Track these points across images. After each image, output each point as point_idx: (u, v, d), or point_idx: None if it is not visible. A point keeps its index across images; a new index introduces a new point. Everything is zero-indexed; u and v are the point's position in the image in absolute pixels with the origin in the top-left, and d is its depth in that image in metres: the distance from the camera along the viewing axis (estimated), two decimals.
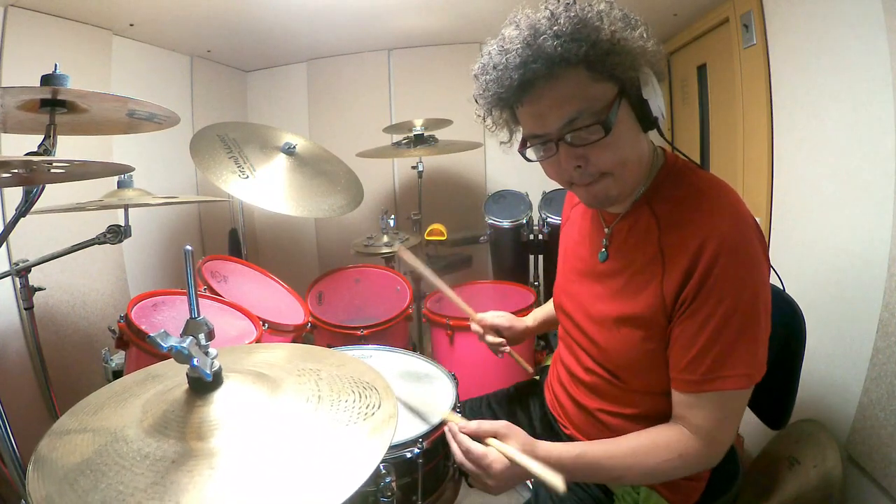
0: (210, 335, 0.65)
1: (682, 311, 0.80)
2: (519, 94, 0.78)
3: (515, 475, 0.82)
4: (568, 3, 0.75)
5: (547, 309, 1.31)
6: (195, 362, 0.62)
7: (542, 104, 0.79)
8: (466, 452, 0.84)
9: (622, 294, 0.89)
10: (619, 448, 0.83)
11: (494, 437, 0.83)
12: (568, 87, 0.76)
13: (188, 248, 0.62)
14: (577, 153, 0.80)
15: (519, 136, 0.89)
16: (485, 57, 0.81)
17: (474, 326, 1.23)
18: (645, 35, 0.77)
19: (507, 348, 1.21)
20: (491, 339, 1.21)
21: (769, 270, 0.82)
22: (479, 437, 0.84)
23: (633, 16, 0.79)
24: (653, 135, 0.88)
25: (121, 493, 0.55)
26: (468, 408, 1.25)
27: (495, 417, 1.17)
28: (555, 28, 0.73)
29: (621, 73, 0.76)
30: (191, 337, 0.63)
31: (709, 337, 0.77)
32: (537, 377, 1.31)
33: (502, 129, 0.91)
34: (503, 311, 1.25)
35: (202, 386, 0.65)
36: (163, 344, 0.59)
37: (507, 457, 0.79)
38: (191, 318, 0.64)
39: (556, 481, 0.69)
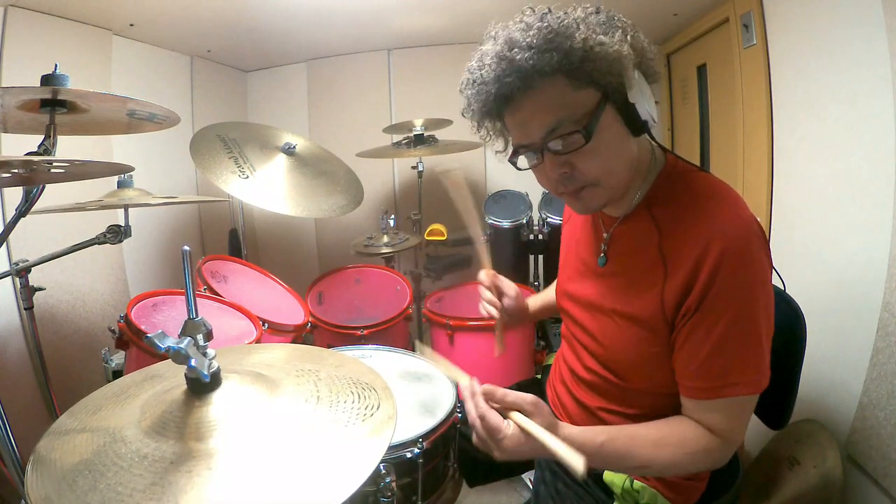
0: (208, 336, 0.65)
1: (686, 319, 0.79)
2: (499, 106, 0.78)
3: (525, 452, 0.77)
4: (544, 14, 0.75)
5: (544, 295, 1.29)
6: (193, 363, 0.62)
7: (523, 114, 0.79)
8: (482, 417, 0.77)
9: (622, 297, 0.88)
10: (645, 439, 0.81)
11: (519, 411, 0.78)
12: (547, 97, 0.76)
13: (186, 248, 0.62)
14: (562, 160, 0.79)
15: None
16: (466, 72, 0.81)
17: (482, 275, 1.14)
18: (627, 37, 0.76)
19: (497, 314, 1.12)
20: (489, 295, 1.12)
21: (772, 273, 0.81)
22: (502, 408, 0.79)
23: (619, 18, 0.78)
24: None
25: (119, 494, 0.55)
26: None
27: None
28: (527, 40, 0.72)
29: (601, 78, 0.75)
30: (189, 338, 0.62)
31: (715, 345, 0.76)
32: (538, 375, 1.31)
33: (497, 139, 0.90)
34: (514, 285, 1.16)
35: (200, 387, 0.65)
36: (160, 344, 0.59)
37: (528, 432, 0.75)
38: (189, 318, 0.64)
39: (578, 463, 0.67)
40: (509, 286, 1.15)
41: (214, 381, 0.66)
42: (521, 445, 0.76)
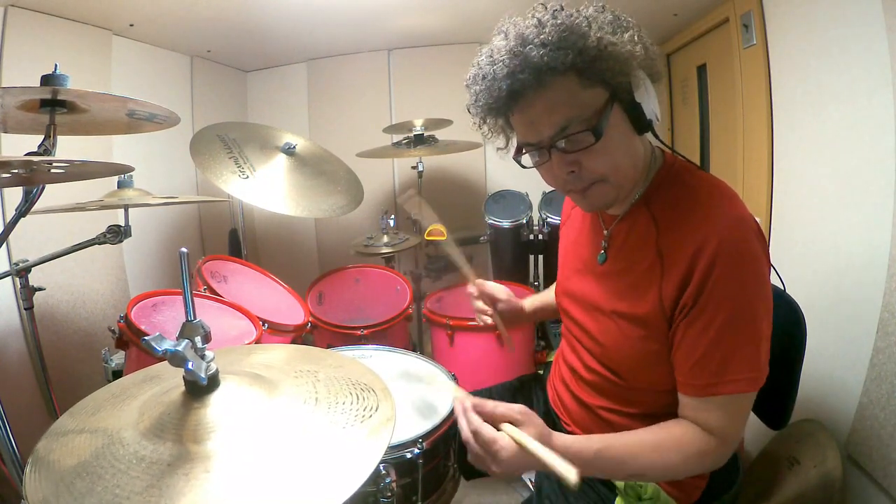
0: (206, 338, 0.65)
1: (682, 315, 0.79)
2: (509, 103, 0.78)
3: (522, 464, 0.76)
4: (555, 11, 0.75)
5: (544, 296, 1.30)
6: (190, 366, 0.62)
7: (532, 112, 0.78)
8: (475, 433, 0.77)
9: (622, 295, 0.88)
10: (641, 445, 0.80)
11: (510, 423, 0.77)
12: (557, 95, 0.76)
13: (183, 250, 0.62)
14: (570, 159, 0.80)
15: (515, 142, 0.89)
16: (474, 67, 0.81)
17: (470, 287, 1.19)
18: (636, 38, 0.76)
19: (490, 319, 1.18)
20: (480, 304, 1.18)
21: (770, 270, 0.81)
22: (492, 420, 0.78)
23: (625, 18, 0.79)
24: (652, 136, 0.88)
25: (117, 497, 0.55)
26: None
27: None
28: (541, 37, 0.73)
29: (611, 78, 0.76)
30: (186, 340, 0.62)
31: (711, 342, 0.76)
32: (540, 371, 1.31)
33: (498, 136, 0.91)
34: (504, 287, 1.20)
35: (198, 389, 0.65)
36: (157, 347, 0.59)
37: (521, 445, 0.74)
38: (187, 320, 0.64)
39: (570, 474, 0.65)
40: (499, 290, 1.18)
41: (212, 383, 0.66)
42: (517, 457, 0.75)
